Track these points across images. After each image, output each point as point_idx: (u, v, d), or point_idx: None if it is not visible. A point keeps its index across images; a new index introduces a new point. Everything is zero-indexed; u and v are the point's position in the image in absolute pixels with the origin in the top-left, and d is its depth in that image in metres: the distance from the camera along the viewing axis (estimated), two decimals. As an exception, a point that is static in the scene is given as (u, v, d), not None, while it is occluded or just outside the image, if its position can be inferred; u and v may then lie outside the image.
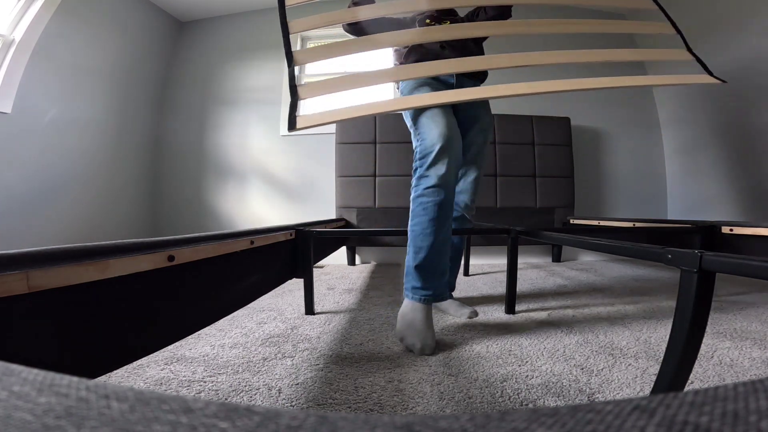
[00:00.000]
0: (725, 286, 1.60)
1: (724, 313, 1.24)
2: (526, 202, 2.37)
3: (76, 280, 0.39)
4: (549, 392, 0.73)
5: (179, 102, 2.68)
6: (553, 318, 1.21)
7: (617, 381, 0.77)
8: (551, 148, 2.39)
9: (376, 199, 2.28)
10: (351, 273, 2.12)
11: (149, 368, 0.83)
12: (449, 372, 0.82)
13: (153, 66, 2.58)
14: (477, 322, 1.16)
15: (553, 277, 1.96)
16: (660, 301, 1.42)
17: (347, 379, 0.79)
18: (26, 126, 1.80)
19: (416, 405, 0.68)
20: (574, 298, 1.48)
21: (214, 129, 2.65)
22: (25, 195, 1.81)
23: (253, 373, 0.82)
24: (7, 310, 0.33)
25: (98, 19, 2.13)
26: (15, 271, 0.34)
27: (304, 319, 1.21)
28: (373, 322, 1.17)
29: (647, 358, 0.88)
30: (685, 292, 0.57)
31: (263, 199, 2.59)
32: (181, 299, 0.59)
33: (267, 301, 1.43)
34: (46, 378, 0.11)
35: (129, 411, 0.10)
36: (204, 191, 2.63)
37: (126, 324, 0.48)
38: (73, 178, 2.05)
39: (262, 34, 2.68)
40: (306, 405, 0.69)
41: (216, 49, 2.70)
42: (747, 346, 0.95)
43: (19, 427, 0.09)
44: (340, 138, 2.34)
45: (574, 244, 1.10)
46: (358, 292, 1.63)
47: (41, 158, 1.88)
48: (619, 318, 1.20)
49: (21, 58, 1.75)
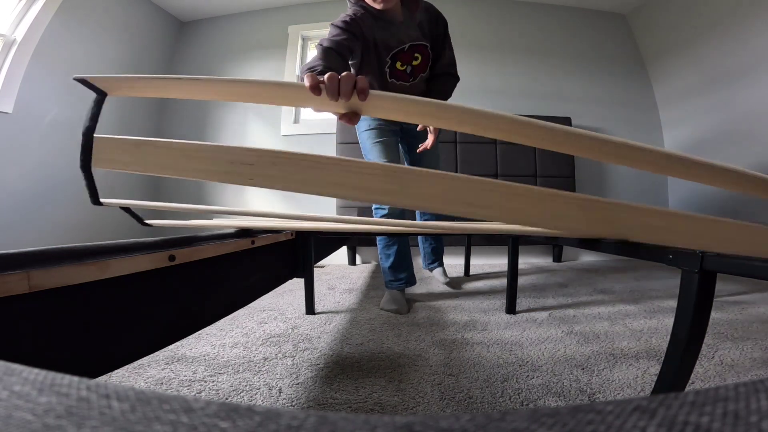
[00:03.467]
0: (726, 286, 1.60)
1: (725, 313, 1.23)
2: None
3: (76, 279, 0.39)
4: (550, 392, 0.73)
5: (180, 102, 2.68)
6: (553, 318, 1.21)
7: (618, 381, 0.77)
8: (552, 148, 2.39)
9: (377, 199, 2.28)
10: (351, 273, 2.12)
11: (150, 368, 0.83)
12: (450, 372, 0.82)
13: (153, 66, 2.58)
14: (477, 323, 1.16)
15: (554, 277, 1.96)
16: (661, 301, 1.41)
17: (348, 378, 0.79)
18: (27, 126, 1.80)
19: (417, 405, 0.68)
20: (574, 298, 1.48)
21: (215, 129, 2.65)
22: (25, 194, 1.81)
23: (253, 372, 0.82)
24: (7, 310, 0.33)
25: (99, 19, 2.14)
26: (16, 271, 0.34)
27: (304, 319, 1.21)
28: (373, 322, 1.17)
29: (648, 359, 0.88)
30: (686, 292, 0.57)
31: (263, 199, 2.59)
32: (182, 299, 0.59)
33: (268, 301, 1.43)
34: (46, 378, 0.11)
35: (130, 411, 0.10)
36: (205, 191, 2.63)
37: (127, 323, 0.48)
38: (73, 177, 2.05)
39: (262, 34, 2.68)
40: (306, 405, 0.69)
41: (216, 49, 2.70)
42: (748, 346, 0.94)
43: (20, 426, 0.09)
44: (341, 138, 2.34)
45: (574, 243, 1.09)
46: (359, 291, 1.63)
47: (42, 158, 1.88)
48: (619, 318, 1.20)
49: (22, 58, 1.75)
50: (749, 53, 1.97)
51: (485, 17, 2.64)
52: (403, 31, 1.20)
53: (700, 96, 2.32)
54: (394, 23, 1.18)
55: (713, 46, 2.17)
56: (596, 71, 2.67)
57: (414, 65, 1.25)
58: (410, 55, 1.23)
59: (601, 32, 2.72)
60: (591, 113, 2.62)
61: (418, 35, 1.23)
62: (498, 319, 1.19)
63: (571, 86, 2.64)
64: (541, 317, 1.22)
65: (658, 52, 2.59)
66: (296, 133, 2.58)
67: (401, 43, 1.21)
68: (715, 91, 2.20)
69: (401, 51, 1.22)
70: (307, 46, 2.73)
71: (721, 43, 2.11)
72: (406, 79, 1.27)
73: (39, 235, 1.86)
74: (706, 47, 2.22)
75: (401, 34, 1.20)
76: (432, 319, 1.21)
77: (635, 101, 2.67)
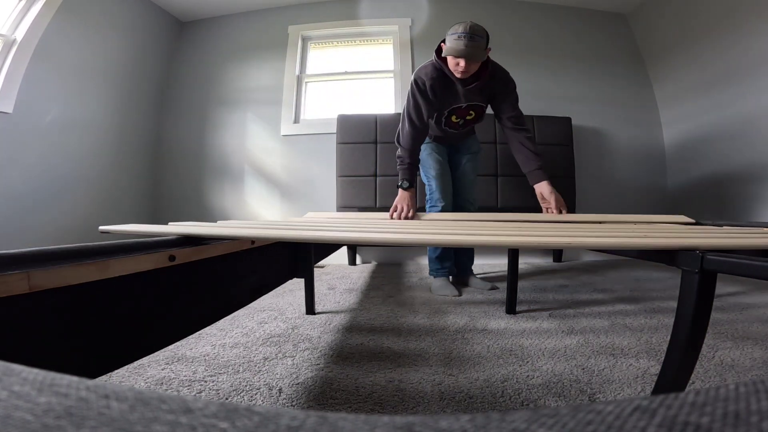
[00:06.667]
0: (726, 286, 1.60)
1: (725, 313, 1.23)
2: (527, 202, 2.35)
3: (76, 279, 0.39)
4: (550, 392, 0.73)
5: (180, 102, 2.69)
6: (553, 318, 1.21)
7: (618, 381, 0.77)
8: (552, 147, 2.38)
9: (377, 199, 2.28)
10: (352, 273, 2.12)
11: (150, 368, 0.83)
12: (450, 372, 0.82)
13: (153, 66, 2.58)
14: (477, 323, 1.16)
15: (554, 277, 1.96)
16: (661, 301, 1.41)
17: (348, 379, 0.79)
18: (27, 126, 1.80)
19: (417, 405, 0.68)
20: (574, 297, 1.48)
21: (215, 129, 2.65)
22: (26, 194, 1.81)
23: (253, 372, 0.82)
24: (8, 310, 0.33)
25: (99, 19, 2.14)
26: (16, 271, 0.34)
27: (304, 319, 1.21)
28: (373, 322, 1.17)
29: (648, 358, 0.88)
30: (686, 292, 0.57)
31: (264, 198, 2.59)
32: (182, 299, 0.59)
33: (268, 301, 1.43)
34: (46, 378, 0.11)
35: (129, 411, 0.10)
36: (205, 191, 2.63)
37: (126, 324, 0.48)
38: (74, 177, 2.05)
39: (262, 34, 2.68)
40: (306, 405, 0.69)
41: (216, 49, 2.70)
42: (748, 346, 0.94)
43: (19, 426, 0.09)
44: (341, 138, 2.34)
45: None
46: (359, 292, 1.63)
47: (42, 158, 1.88)
48: (620, 318, 1.20)
49: (22, 59, 1.75)
50: (749, 53, 1.96)
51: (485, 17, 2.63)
52: (465, 95, 1.40)
53: (700, 96, 2.32)
54: (460, 86, 1.37)
55: (713, 46, 2.17)
56: (596, 71, 2.67)
57: (467, 119, 1.49)
58: (466, 112, 1.45)
59: (601, 32, 2.72)
60: (591, 113, 2.62)
61: (478, 98, 1.43)
62: (498, 319, 1.19)
63: (571, 86, 2.64)
64: (541, 317, 1.22)
65: (658, 52, 2.59)
66: (296, 133, 2.58)
67: (460, 102, 1.42)
68: (715, 91, 2.20)
69: (459, 108, 1.44)
70: (307, 46, 2.73)
71: (721, 43, 2.11)
72: (457, 128, 1.52)
73: (39, 235, 1.86)
74: (706, 47, 2.22)
75: (463, 97, 1.40)
76: (432, 319, 1.21)
77: (635, 101, 2.67)
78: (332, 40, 2.73)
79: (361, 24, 2.63)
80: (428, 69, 1.38)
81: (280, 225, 0.89)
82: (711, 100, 2.25)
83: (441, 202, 1.57)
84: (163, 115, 2.67)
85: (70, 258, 0.40)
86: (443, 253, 1.65)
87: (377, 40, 2.70)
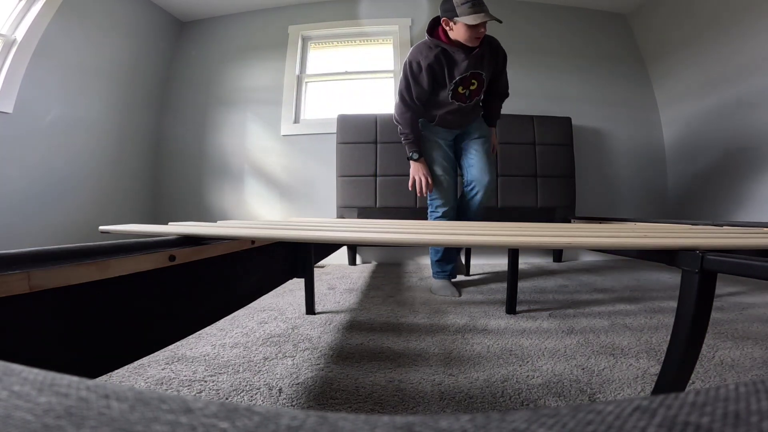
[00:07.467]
0: (726, 286, 1.60)
1: (725, 313, 1.23)
2: (528, 202, 2.37)
3: (77, 279, 0.39)
4: (550, 392, 0.73)
5: (180, 101, 2.69)
6: (553, 318, 1.21)
7: (618, 381, 0.77)
8: (552, 147, 2.39)
9: (377, 199, 2.28)
10: (352, 273, 2.12)
11: (150, 368, 0.83)
12: (450, 372, 0.82)
13: (154, 66, 2.58)
14: (477, 323, 1.16)
15: (554, 276, 1.96)
16: (661, 301, 1.41)
17: (348, 379, 0.79)
18: (27, 126, 1.80)
19: (417, 405, 0.68)
20: (574, 297, 1.48)
21: (215, 128, 2.65)
22: (26, 194, 1.81)
23: (253, 372, 0.82)
24: (7, 310, 0.33)
25: (99, 19, 2.14)
26: (16, 271, 0.34)
27: (304, 319, 1.21)
28: (373, 322, 1.17)
29: (648, 359, 0.88)
30: (686, 292, 0.57)
31: (264, 198, 2.59)
32: (182, 299, 0.59)
33: (268, 301, 1.43)
34: (46, 378, 0.11)
35: (129, 411, 0.10)
36: (205, 191, 2.63)
37: (127, 323, 0.48)
38: (74, 177, 2.05)
39: (262, 34, 2.68)
40: (306, 405, 0.69)
41: (216, 49, 2.70)
42: (748, 346, 0.94)
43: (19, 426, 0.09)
44: (341, 138, 2.34)
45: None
46: (359, 291, 1.63)
47: (42, 158, 1.88)
48: (620, 318, 1.20)
49: (22, 58, 1.75)
50: (749, 53, 1.96)
51: (485, 17, 2.64)
52: (468, 63, 1.40)
53: (700, 96, 2.32)
54: (462, 56, 1.39)
55: (713, 46, 2.17)
56: (596, 71, 2.67)
57: (471, 89, 1.49)
58: (469, 81, 1.46)
59: (601, 32, 2.72)
60: (591, 113, 2.62)
61: (479, 66, 1.45)
62: (498, 319, 1.19)
63: (571, 86, 2.64)
64: (541, 317, 1.22)
65: (658, 52, 2.59)
66: (296, 133, 2.58)
67: (463, 71, 1.42)
68: (715, 91, 2.20)
69: (464, 78, 1.44)
70: (307, 46, 2.73)
71: (722, 43, 2.11)
72: (464, 101, 1.50)
73: (39, 235, 1.86)
74: (706, 47, 2.22)
75: (466, 65, 1.41)
76: (432, 319, 1.21)
77: (635, 101, 2.67)
78: (332, 40, 2.73)
79: (361, 24, 2.63)
80: (423, 50, 1.40)
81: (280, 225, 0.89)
82: (711, 100, 2.25)
83: (443, 209, 1.58)
84: (164, 115, 2.67)
85: (70, 258, 0.40)
86: (444, 256, 1.65)
87: (377, 40, 2.70)
